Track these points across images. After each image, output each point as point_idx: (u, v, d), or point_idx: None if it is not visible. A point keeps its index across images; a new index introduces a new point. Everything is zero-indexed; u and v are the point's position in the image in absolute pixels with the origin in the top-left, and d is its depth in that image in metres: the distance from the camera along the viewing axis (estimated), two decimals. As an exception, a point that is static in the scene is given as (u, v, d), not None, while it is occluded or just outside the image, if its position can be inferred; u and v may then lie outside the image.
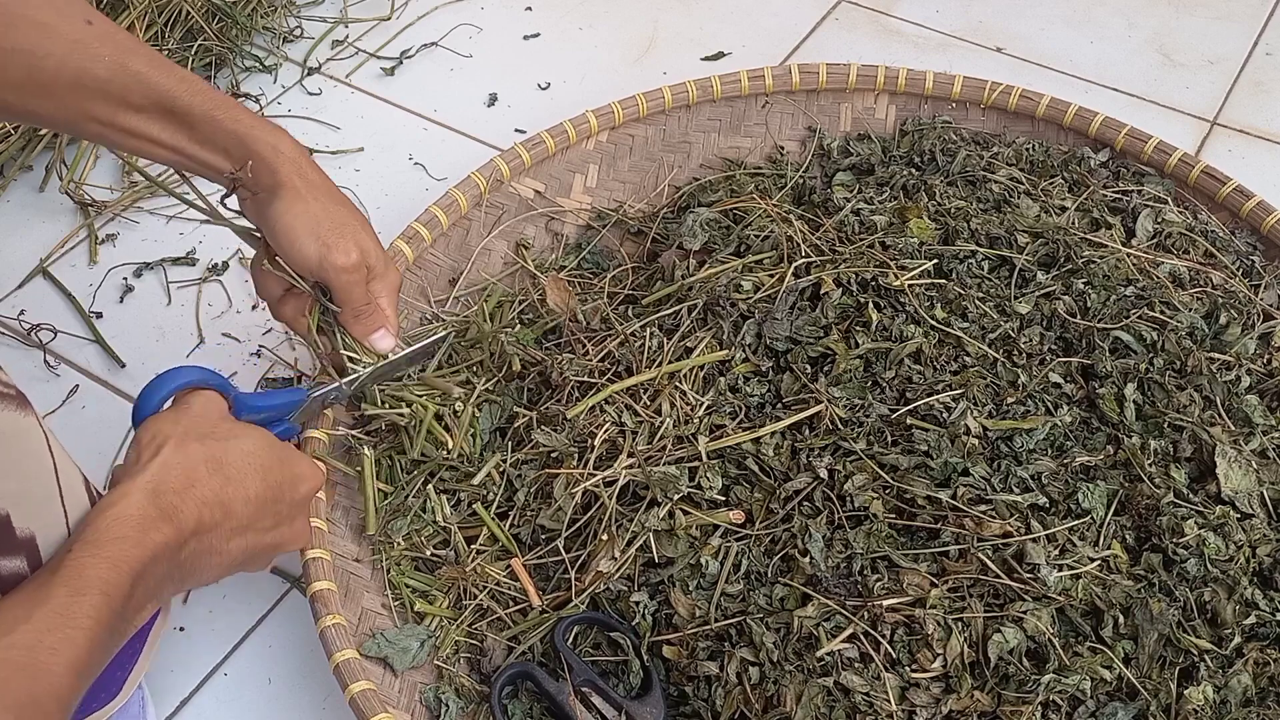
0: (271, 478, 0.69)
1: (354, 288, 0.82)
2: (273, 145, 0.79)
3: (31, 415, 0.61)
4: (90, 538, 0.60)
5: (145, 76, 0.76)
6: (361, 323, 0.84)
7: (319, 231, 0.80)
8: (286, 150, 0.80)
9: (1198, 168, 1.05)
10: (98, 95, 0.75)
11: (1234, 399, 0.87)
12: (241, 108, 0.80)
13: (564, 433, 0.87)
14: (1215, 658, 0.75)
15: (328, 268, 0.80)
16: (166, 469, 0.64)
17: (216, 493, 0.65)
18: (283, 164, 0.79)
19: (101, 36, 0.75)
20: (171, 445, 0.65)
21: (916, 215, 0.99)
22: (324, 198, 0.81)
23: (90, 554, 0.59)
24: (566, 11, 1.42)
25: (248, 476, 0.68)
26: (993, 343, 0.90)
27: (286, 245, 0.80)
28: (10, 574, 0.62)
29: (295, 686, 0.86)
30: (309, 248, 0.79)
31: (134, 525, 0.61)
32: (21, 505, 0.61)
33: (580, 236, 1.09)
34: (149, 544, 0.61)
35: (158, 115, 0.78)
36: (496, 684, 0.78)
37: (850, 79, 1.13)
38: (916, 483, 0.80)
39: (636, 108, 1.10)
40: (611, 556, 0.81)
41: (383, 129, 1.27)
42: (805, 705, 0.72)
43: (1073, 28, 1.38)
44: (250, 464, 0.68)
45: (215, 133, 0.79)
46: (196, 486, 0.64)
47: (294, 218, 0.79)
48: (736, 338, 0.91)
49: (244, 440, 0.69)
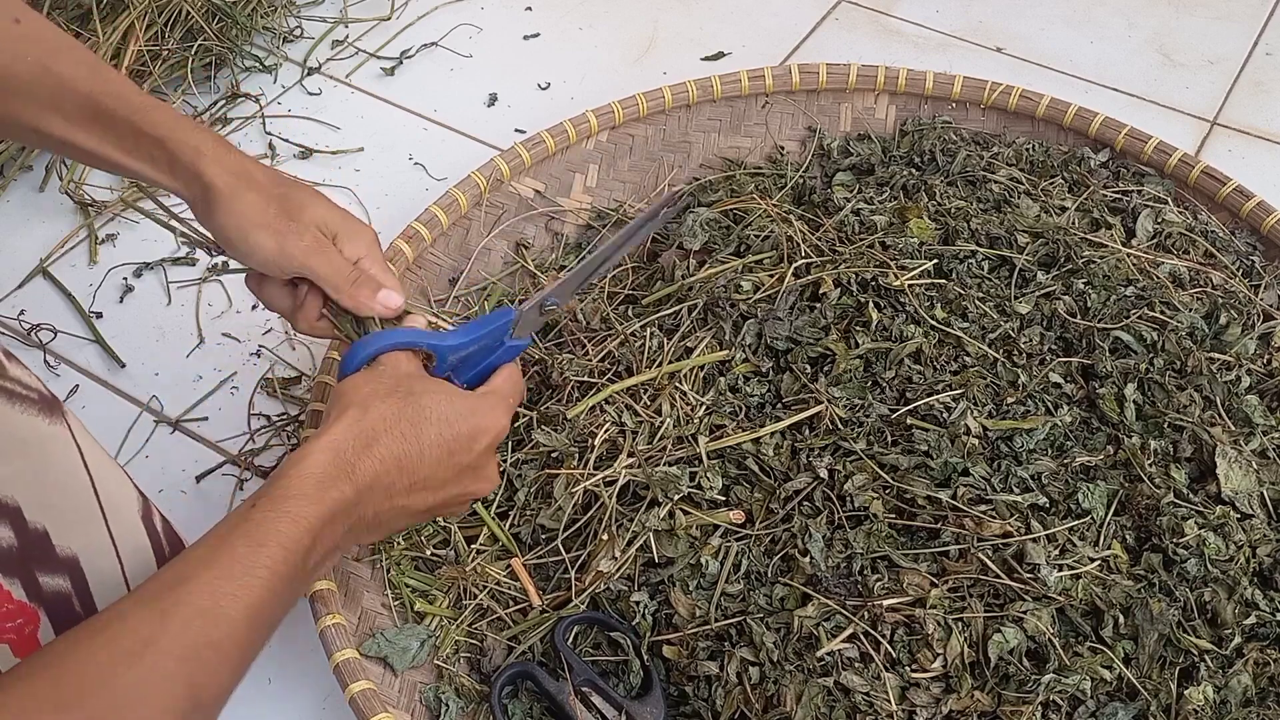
0: (450, 431, 0.70)
1: (327, 265, 0.77)
2: (194, 148, 0.75)
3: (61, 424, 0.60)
4: (272, 493, 0.62)
5: (68, 80, 0.73)
6: (357, 294, 0.78)
7: (268, 221, 0.75)
8: (208, 150, 0.75)
9: (1198, 168, 1.05)
10: (23, 98, 0.72)
11: (1234, 399, 0.87)
12: (163, 108, 0.76)
13: (564, 433, 0.87)
14: (1215, 658, 0.75)
15: (291, 258, 0.76)
16: (349, 429, 0.66)
17: (394, 450, 0.67)
18: (206, 166, 0.75)
19: (27, 36, 0.72)
20: (357, 406, 0.67)
21: (916, 215, 0.99)
22: (260, 185, 0.76)
23: (271, 509, 0.61)
24: (566, 11, 1.42)
25: (426, 433, 0.69)
26: (993, 343, 0.90)
27: (244, 248, 0.76)
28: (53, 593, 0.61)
29: (295, 686, 0.85)
30: (266, 242, 0.75)
31: (314, 483, 0.62)
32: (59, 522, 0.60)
33: (580, 236, 1.09)
34: (328, 501, 0.62)
35: (83, 122, 0.74)
36: (496, 684, 0.78)
37: (850, 79, 1.13)
38: (916, 483, 0.80)
39: (636, 108, 1.10)
40: (612, 556, 0.81)
41: (383, 129, 1.27)
42: (805, 705, 0.72)
43: (1073, 28, 1.38)
44: (430, 420, 0.69)
45: (138, 139, 0.74)
46: (376, 445, 0.66)
47: (239, 217, 0.75)
48: (737, 338, 0.91)
49: (425, 397, 0.70)
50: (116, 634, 0.54)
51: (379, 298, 0.77)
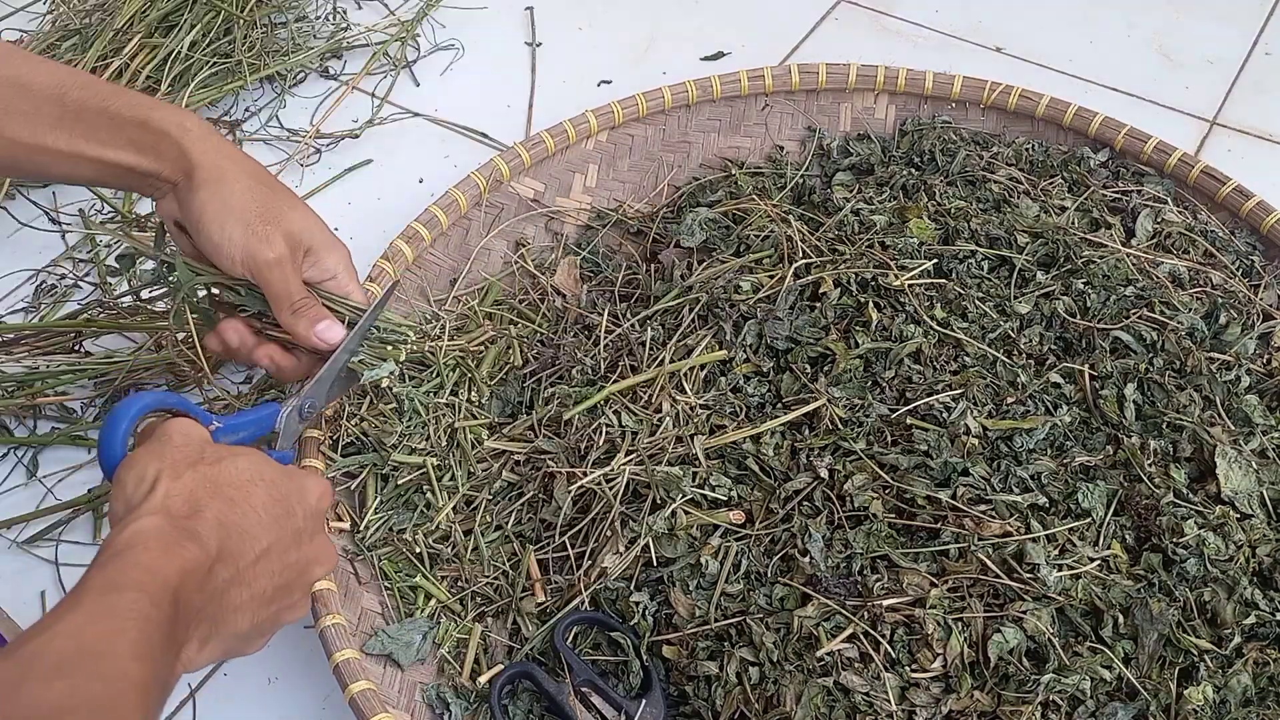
0: (276, 491, 0.62)
1: (284, 281, 0.74)
2: (179, 124, 0.72)
3: None
4: (111, 552, 0.53)
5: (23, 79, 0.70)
6: (301, 317, 0.75)
7: (246, 216, 0.72)
8: (194, 127, 0.72)
9: (1197, 168, 1.05)
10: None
11: (1234, 399, 0.87)
12: (134, 93, 0.73)
13: (565, 436, 0.87)
14: (1215, 658, 0.75)
15: (255, 263, 0.73)
16: (169, 498, 0.57)
17: (224, 516, 0.58)
18: (193, 143, 0.72)
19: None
20: (166, 478, 0.58)
21: (916, 215, 0.99)
22: (245, 175, 0.73)
23: (116, 562, 0.53)
24: (566, 11, 1.42)
25: (252, 495, 0.61)
26: (993, 343, 0.90)
27: (218, 235, 0.72)
28: None
29: (295, 686, 0.86)
30: (238, 235, 0.72)
31: (156, 540, 0.54)
32: None
33: (580, 236, 1.09)
34: (176, 557, 0.54)
35: (50, 120, 0.70)
36: (496, 684, 0.78)
37: (850, 79, 1.13)
38: (916, 483, 0.80)
39: (636, 108, 1.10)
40: (616, 551, 0.81)
41: (382, 129, 1.27)
42: (805, 705, 0.72)
43: (1072, 27, 1.38)
44: (250, 481, 0.61)
45: (115, 125, 0.71)
46: (204, 511, 0.58)
47: (221, 202, 0.72)
48: (738, 338, 0.91)
49: (238, 459, 0.62)
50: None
51: (317, 329, 0.76)
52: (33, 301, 1.09)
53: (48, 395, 1.00)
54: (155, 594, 0.52)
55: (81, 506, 0.94)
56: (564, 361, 0.93)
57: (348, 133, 1.25)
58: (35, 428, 1.00)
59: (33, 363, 1.02)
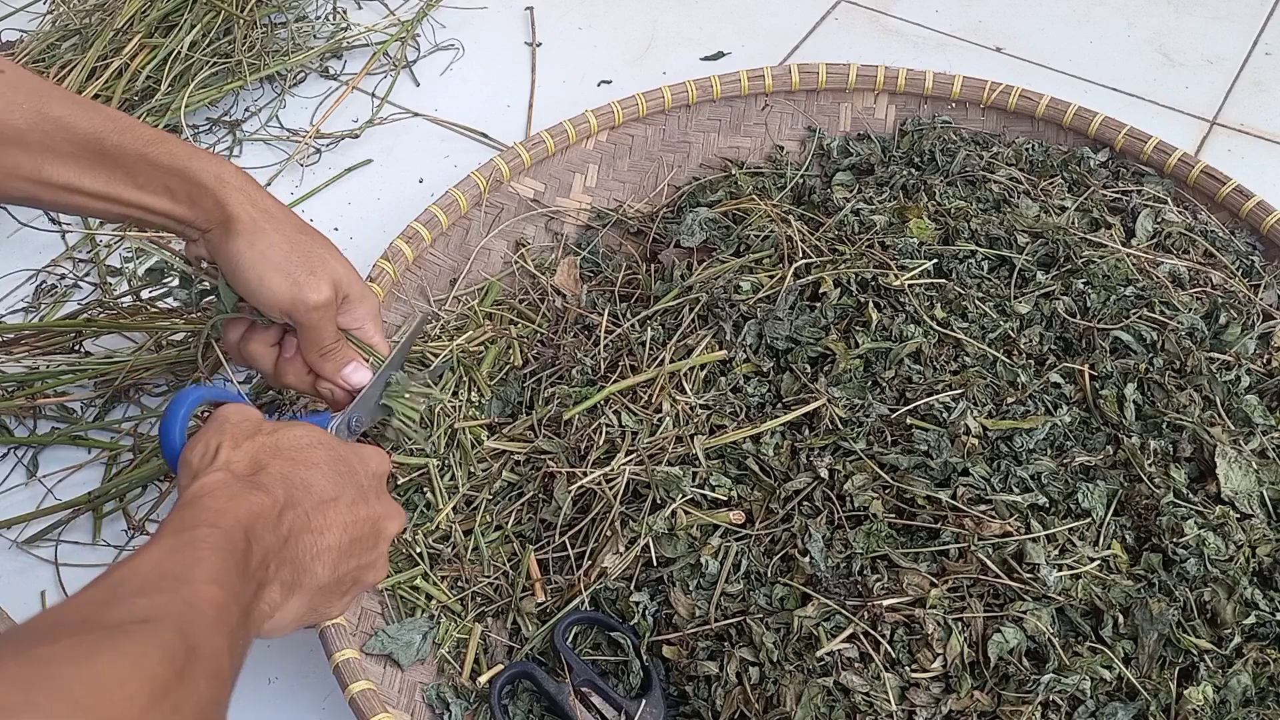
0: (335, 453, 0.65)
1: (323, 325, 0.76)
2: (216, 175, 0.73)
3: None
4: (180, 505, 0.56)
5: (66, 120, 0.70)
6: (330, 360, 0.79)
7: (287, 268, 0.74)
8: (231, 179, 0.74)
9: (1197, 168, 1.05)
10: (18, 147, 0.70)
11: (1234, 399, 0.87)
12: (175, 139, 0.74)
13: (565, 436, 0.87)
14: (1215, 658, 0.75)
15: (299, 307, 0.74)
16: (231, 463, 0.60)
17: (287, 472, 0.61)
18: (230, 194, 0.73)
19: (14, 83, 0.70)
20: (226, 447, 0.61)
21: (916, 215, 0.99)
22: (284, 227, 0.75)
23: (186, 510, 0.55)
24: (566, 11, 1.42)
25: (312, 455, 0.64)
26: (993, 343, 0.90)
27: (255, 284, 0.74)
28: None
29: (295, 686, 0.86)
30: (279, 286, 0.74)
31: (223, 490, 0.57)
32: None
33: (580, 236, 1.09)
34: (244, 502, 0.56)
35: (87, 162, 0.72)
36: (496, 684, 0.78)
37: (850, 79, 1.13)
38: (916, 483, 0.80)
39: (636, 108, 1.10)
40: (616, 551, 0.81)
41: (382, 129, 1.27)
42: (805, 705, 0.72)
43: (1072, 27, 1.38)
44: (309, 445, 0.64)
45: (152, 171, 0.72)
46: (268, 468, 0.61)
47: (258, 254, 0.73)
48: (738, 338, 0.91)
49: (294, 428, 0.65)
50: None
51: (344, 372, 0.79)
52: (33, 301, 1.09)
53: (48, 395, 1.00)
54: (228, 529, 0.54)
55: (81, 506, 0.94)
56: (564, 361, 0.93)
57: (348, 133, 1.25)
58: (35, 428, 1.00)
59: (33, 363, 1.02)
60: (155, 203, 0.74)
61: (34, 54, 1.24)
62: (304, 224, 0.78)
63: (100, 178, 0.72)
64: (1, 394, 0.99)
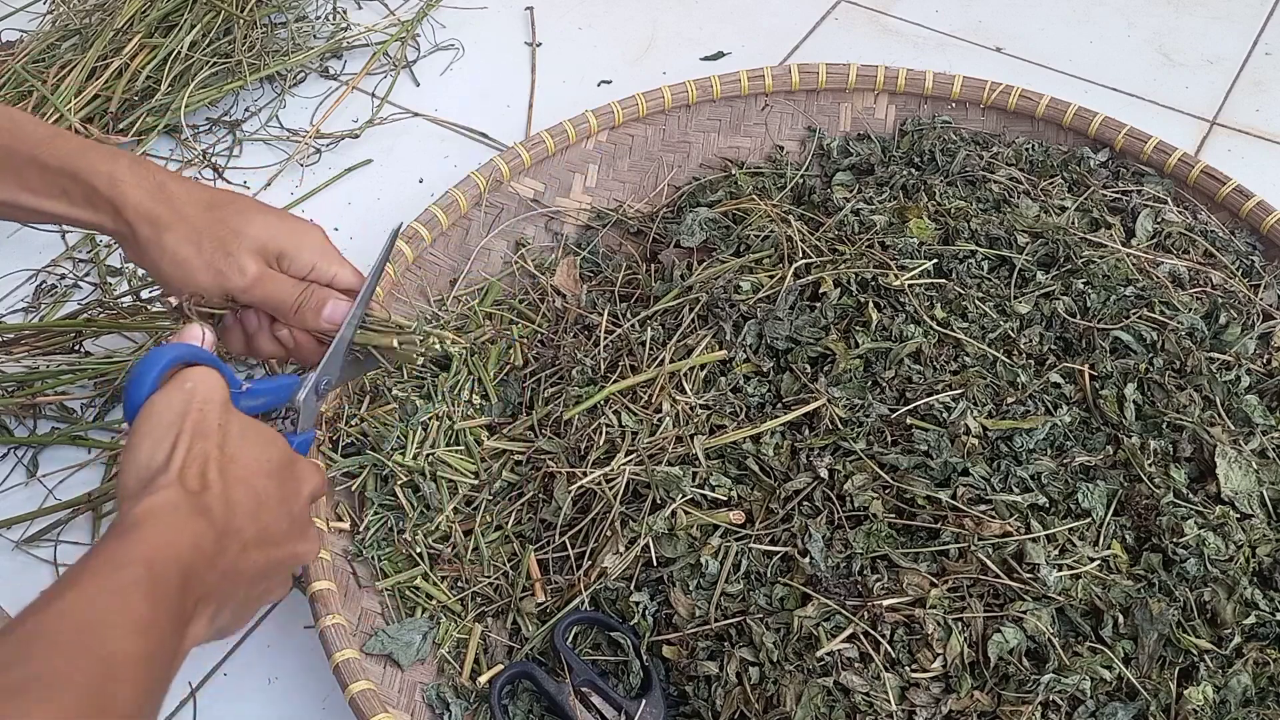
0: (278, 480, 0.63)
1: (271, 294, 0.72)
2: (109, 175, 0.68)
3: None
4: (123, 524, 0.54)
5: None
6: (304, 319, 0.74)
7: (203, 260, 0.69)
8: (125, 175, 0.69)
9: (1197, 168, 1.05)
10: None
11: (1234, 399, 0.87)
12: (68, 136, 0.69)
13: (565, 436, 0.87)
14: (1215, 658, 0.75)
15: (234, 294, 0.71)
16: (185, 470, 0.58)
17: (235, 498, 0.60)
18: (127, 194, 0.68)
19: None
20: (183, 442, 0.59)
21: (916, 215, 0.99)
22: (189, 211, 0.70)
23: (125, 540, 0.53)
24: (566, 11, 1.42)
25: (257, 483, 0.62)
26: (993, 343, 0.90)
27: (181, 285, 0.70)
28: None
29: (295, 686, 0.85)
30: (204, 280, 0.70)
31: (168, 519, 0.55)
32: None
33: (580, 236, 1.09)
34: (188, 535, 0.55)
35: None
36: (496, 684, 0.78)
37: (850, 79, 1.13)
38: (916, 483, 0.80)
39: (636, 108, 1.10)
40: (616, 551, 0.81)
41: (382, 129, 1.27)
42: (805, 705, 0.72)
43: (1072, 27, 1.38)
44: (261, 466, 0.62)
45: (44, 175, 0.68)
46: (213, 489, 0.59)
47: (170, 257, 0.69)
48: (737, 338, 0.91)
49: (252, 440, 0.63)
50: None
51: (324, 315, 0.75)
52: (33, 301, 1.09)
53: (48, 395, 1.00)
54: (161, 575, 0.52)
55: (81, 506, 0.94)
56: (564, 361, 0.93)
57: (348, 133, 1.25)
58: (35, 428, 1.00)
59: (33, 363, 1.02)
60: (55, 208, 0.70)
61: (34, 54, 1.24)
62: (211, 197, 0.72)
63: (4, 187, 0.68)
64: (1, 394, 0.99)
